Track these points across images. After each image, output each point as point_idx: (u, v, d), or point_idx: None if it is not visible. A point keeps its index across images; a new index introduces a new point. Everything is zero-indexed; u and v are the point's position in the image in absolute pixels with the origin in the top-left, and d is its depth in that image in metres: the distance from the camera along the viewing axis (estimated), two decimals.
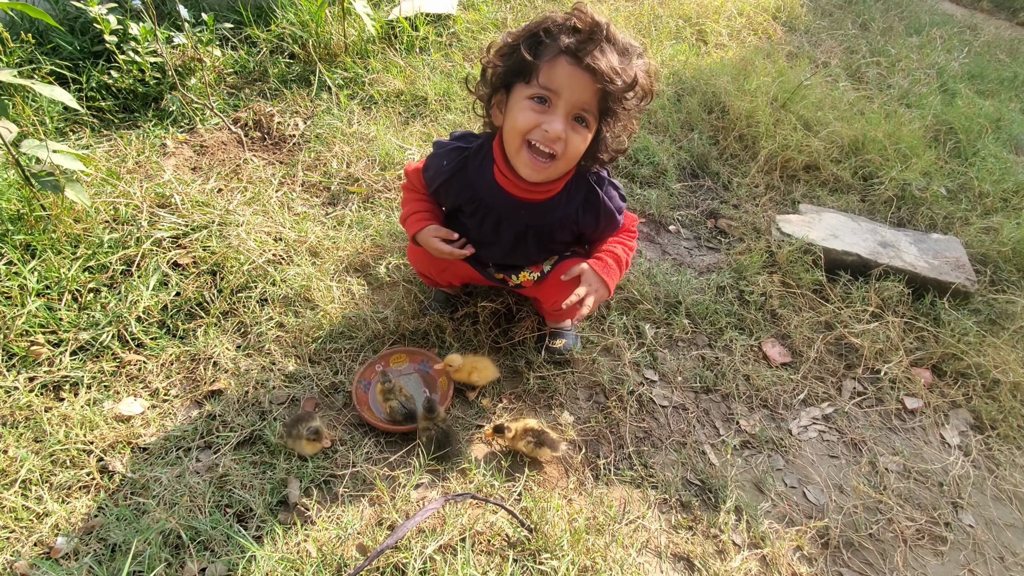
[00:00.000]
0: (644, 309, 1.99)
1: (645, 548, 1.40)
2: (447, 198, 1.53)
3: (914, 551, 1.54)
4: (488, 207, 1.46)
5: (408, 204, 1.58)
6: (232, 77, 2.81)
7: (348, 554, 1.26)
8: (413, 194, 1.59)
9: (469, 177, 1.44)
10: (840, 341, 2.03)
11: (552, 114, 1.25)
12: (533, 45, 1.24)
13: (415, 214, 1.54)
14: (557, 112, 1.25)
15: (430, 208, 1.57)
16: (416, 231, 1.52)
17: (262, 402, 1.61)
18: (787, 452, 1.70)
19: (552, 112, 1.25)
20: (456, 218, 1.58)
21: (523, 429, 1.50)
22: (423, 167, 1.53)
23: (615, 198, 1.49)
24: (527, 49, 1.23)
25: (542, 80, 1.23)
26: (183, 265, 1.91)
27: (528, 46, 1.24)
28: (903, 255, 2.28)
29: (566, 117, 1.26)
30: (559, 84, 1.23)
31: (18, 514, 1.32)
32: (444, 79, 2.83)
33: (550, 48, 1.22)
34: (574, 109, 1.26)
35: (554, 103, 1.25)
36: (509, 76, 1.30)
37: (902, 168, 2.70)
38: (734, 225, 2.43)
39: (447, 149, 1.47)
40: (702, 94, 2.94)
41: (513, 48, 1.27)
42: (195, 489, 1.39)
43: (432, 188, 1.52)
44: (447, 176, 1.46)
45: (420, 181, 1.55)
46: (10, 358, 1.64)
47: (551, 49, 1.22)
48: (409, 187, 1.60)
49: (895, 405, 1.88)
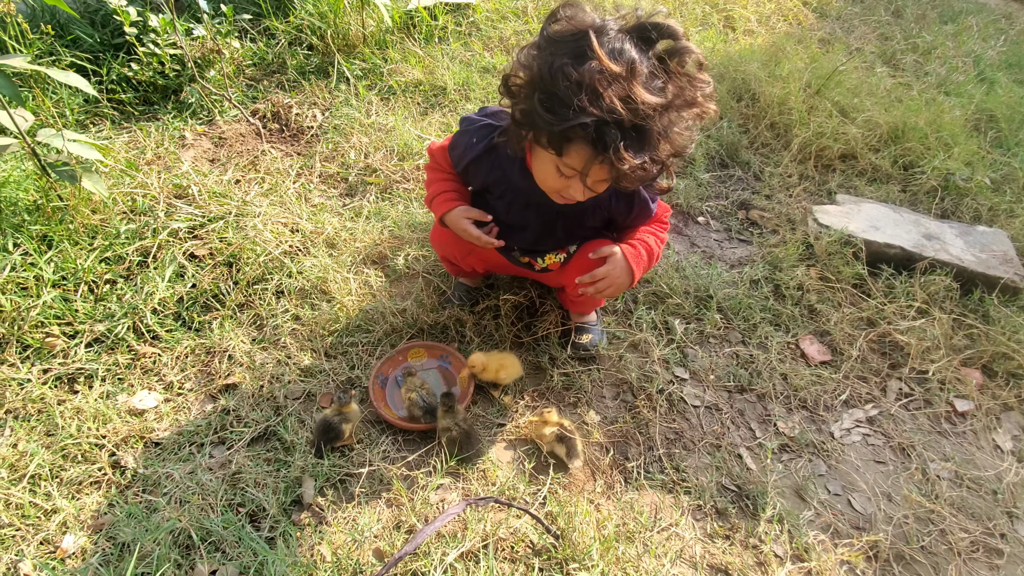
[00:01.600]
0: (673, 303, 1.90)
1: (679, 558, 1.31)
2: (476, 178, 1.45)
3: (968, 564, 1.42)
4: (518, 189, 1.38)
5: (433, 184, 1.49)
6: (251, 69, 2.78)
7: (364, 559, 1.20)
8: (439, 174, 1.50)
9: (499, 157, 1.35)
10: (884, 338, 1.91)
11: (575, 186, 1.19)
12: (552, 109, 1.04)
13: (443, 194, 1.45)
14: (579, 185, 1.17)
15: (457, 188, 1.48)
16: (444, 212, 1.43)
17: (277, 397, 1.55)
18: (829, 457, 1.59)
19: (575, 183, 1.17)
20: (483, 199, 1.50)
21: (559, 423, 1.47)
22: (449, 145, 1.45)
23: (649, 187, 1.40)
24: (547, 113, 1.04)
25: (565, 160, 1.11)
26: (199, 256, 1.87)
27: (548, 108, 1.04)
28: (949, 248, 2.14)
29: (592, 186, 1.18)
30: (583, 169, 1.10)
31: (25, 511, 1.28)
32: (463, 68, 2.76)
33: (570, 123, 1.01)
34: (600, 182, 1.18)
35: (577, 177, 1.15)
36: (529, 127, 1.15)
37: (945, 157, 2.56)
38: (767, 216, 2.31)
39: (477, 126, 1.38)
40: (731, 81, 2.82)
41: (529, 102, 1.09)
42: (207, 487, 1.33)
43: (460, 167, 1.43)
44: (477, 154, 1.37)
45: (446, 159, 1.47)
46: (24, 349, 1.61)
47: (572, 128, 1.02)
48: (434, 166, 1.51)
49: (944, 407, 1.75)
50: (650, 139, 1.05)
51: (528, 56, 1.09)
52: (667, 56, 1.04)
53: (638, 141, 1.04)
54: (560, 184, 1.20)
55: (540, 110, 1.05)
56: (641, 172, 1.06)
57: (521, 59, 1.10)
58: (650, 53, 1.04)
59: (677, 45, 1.04)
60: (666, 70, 1.04)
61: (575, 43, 1.02)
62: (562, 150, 1.09)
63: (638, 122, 1.02)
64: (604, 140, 1.02)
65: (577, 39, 1.02)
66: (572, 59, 1.01)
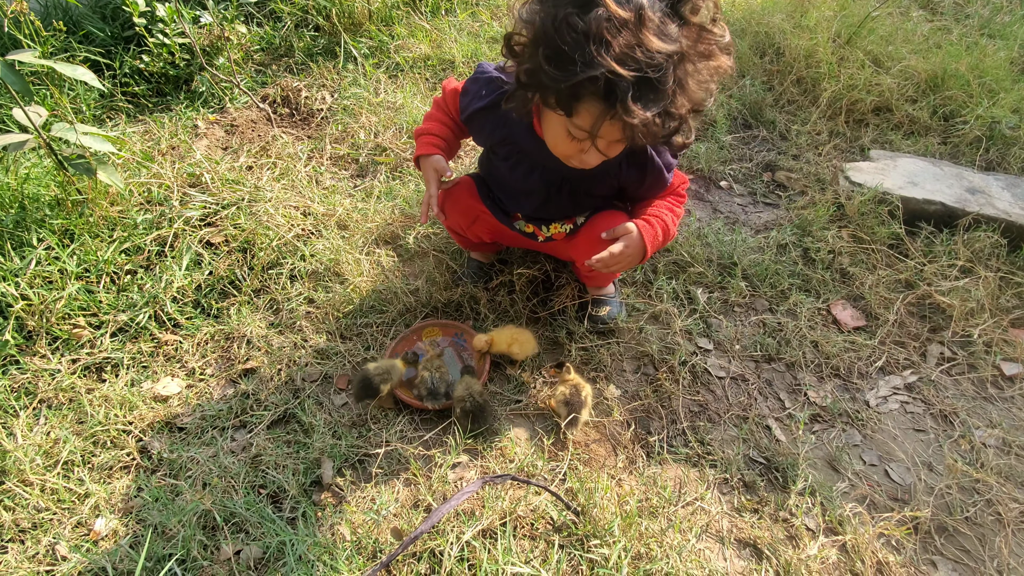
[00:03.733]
0: (695, 272, 1.82)
1: (705, 533, 1.28)
2: (481, 133, 1.39)
3: (1018, 536, 1.34)
4: (523, 152, 1.32)
5: (429, 121, 1.43)
6: (259, 54, 2.76)
7: (383, 538, 1.20)
8: (440, 114, 1.44)
9: (506, 114, 1.26)
10: (923, 301, 1.80)
11: (589, 150, 1.12)
12: (559, 64, 0.96)
13: (431, 135, 1.40)
14: (593, 149, 1.11)
15: (447, 138, 1.42)
16: (422, 153, 1.39)
17: (295, 379, 1.56)
18: (864, 426, 1.52)
19: (588, 147, 1.11)
20: (489, 161, 1.44)
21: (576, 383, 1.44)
22: (462, 89, 1.38)
23: (664, 153, 1.31)
24: (553, 69, 0.97)
25: (575, 120, 1.05)
26: (215, 244, 1.88)
27: (553, 63, 0.96)
28: (995, 202, 2.00)
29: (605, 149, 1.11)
30: (593, 127, 1.04)
31: (60, 495, 1.32)
32: (471, 40, 2.68)
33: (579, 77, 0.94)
34: (614, 143, 1.11)
35: (590, 140, 1.09)
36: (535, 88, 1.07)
37: (989, 105, 2.37)
38: (794, 177, 2.19)
39: (488, 77, 1.32)
40: (753, 35, 2.67)
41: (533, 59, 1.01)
42: (230, 470, 1.35)
43: (465, 115, 1.37)
44: (483, 105, 1.31)
45: (455, 104, 1.41)
46: (53, 341, 1.66)
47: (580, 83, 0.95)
48: (440, 104, 1.45)
49: (991, 371, 1.65)
50: (664, 91, 0.97)
51: (530, 11, 1.01)
52: (679, 2, 0.95)
53: (652, 93, 0.96)
54: (572, 149, 1.14)
55: (546, 66, 0.97)
56: (655, 128, 0.99)
57: (523, 15, 1.02)
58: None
59: None
60: (680, 16, 0.95)
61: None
62: (571, 110, 1.03)
63: (651, 73, 0.93)
64: (615, 93, 0.94)
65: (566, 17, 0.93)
66: (577, 8, 0.93)
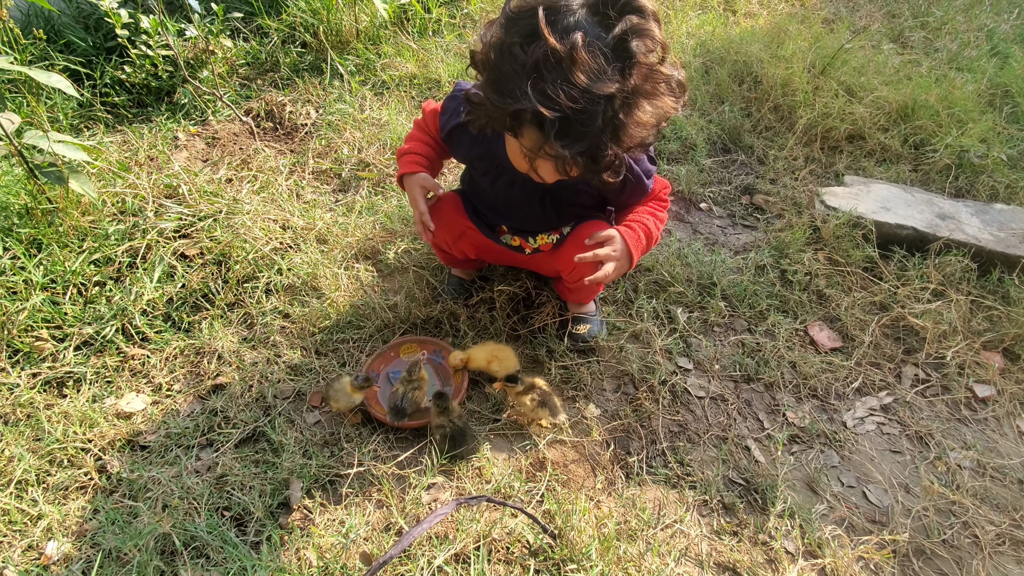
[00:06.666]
0: (675, 292, 1.83)
1: (684, 556, 1.25)
2: (460, 149, 1.41)
3: (994, 559, 1.34)
4: (502, 165, 1.32)
5: (411, 141, 1.46)
6: (244, 68, 2.75)
7: (352, 563, 1.15)
8: (422, 134, 1.47)
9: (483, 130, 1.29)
10: (897, 323, 1.83)
11: (542, 167, 1.11)
12: (498, 91, 0.99)
13: (413, 155, 1.42)
14: (547, 166, 1.09)
15: (430, 156, 1.44)
16: (405, 172, 1.40)
17: (266, 396, 1.51)
18: (842, 447, 1.52)
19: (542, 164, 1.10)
20: (470, 175, 1.46)
21: (531, 384, 1.43)
22: (441, 108, 1.41)
23: (643, 161, 1.33)
24: (495, 95, 0.99)
25: (522, 141, 1.05)
26: (189, 256, 1.84)
27: (495, 90, 0.99)
28: (964, 227, 2.05)
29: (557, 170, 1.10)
30: (532, 151, 1.04)
31: (12, 516, 1.25)
32: (458, 60, 2.71)
33: (513, 108, 0.96)
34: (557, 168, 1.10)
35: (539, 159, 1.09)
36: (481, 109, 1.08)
37: (958, 134, 2.45)
38: (772, 200, 2.23)
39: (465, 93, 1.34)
40: (732, 64, 2.74)
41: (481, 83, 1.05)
42: (192, 490, 1.30)
43: (444, 131, 1.39)
44: (460, 121, 1.31)
45: (435, 123, 1.43)
46: (14, 354, 1.59)
47: (521, 110, 0.96)
48: (421, 125, 1.47)
49: (964, 393, 1.67)
50: (588, 132, 0.96)
51: (489, 34, 1.03)
52: (628, 36, 0.93)
53: (574, 133, 0.96)
54: (527, 165, 1.14)
55: (489, 91, 1.00)
56: (577, 165, 1.00)
57: (484, 36, 1.04)
58: (613, 32, 0.93)
59: (639, 24, 0.93)
60: (627, 54, 0.93)
61: (529, 21, 0.94)
62: (516, 132, 1.04)
63: (572, 115, 0.93)
64: (544, 127, 0.95)
65: (531, 16, 0.93)
66: (522, 39, 0.94)
